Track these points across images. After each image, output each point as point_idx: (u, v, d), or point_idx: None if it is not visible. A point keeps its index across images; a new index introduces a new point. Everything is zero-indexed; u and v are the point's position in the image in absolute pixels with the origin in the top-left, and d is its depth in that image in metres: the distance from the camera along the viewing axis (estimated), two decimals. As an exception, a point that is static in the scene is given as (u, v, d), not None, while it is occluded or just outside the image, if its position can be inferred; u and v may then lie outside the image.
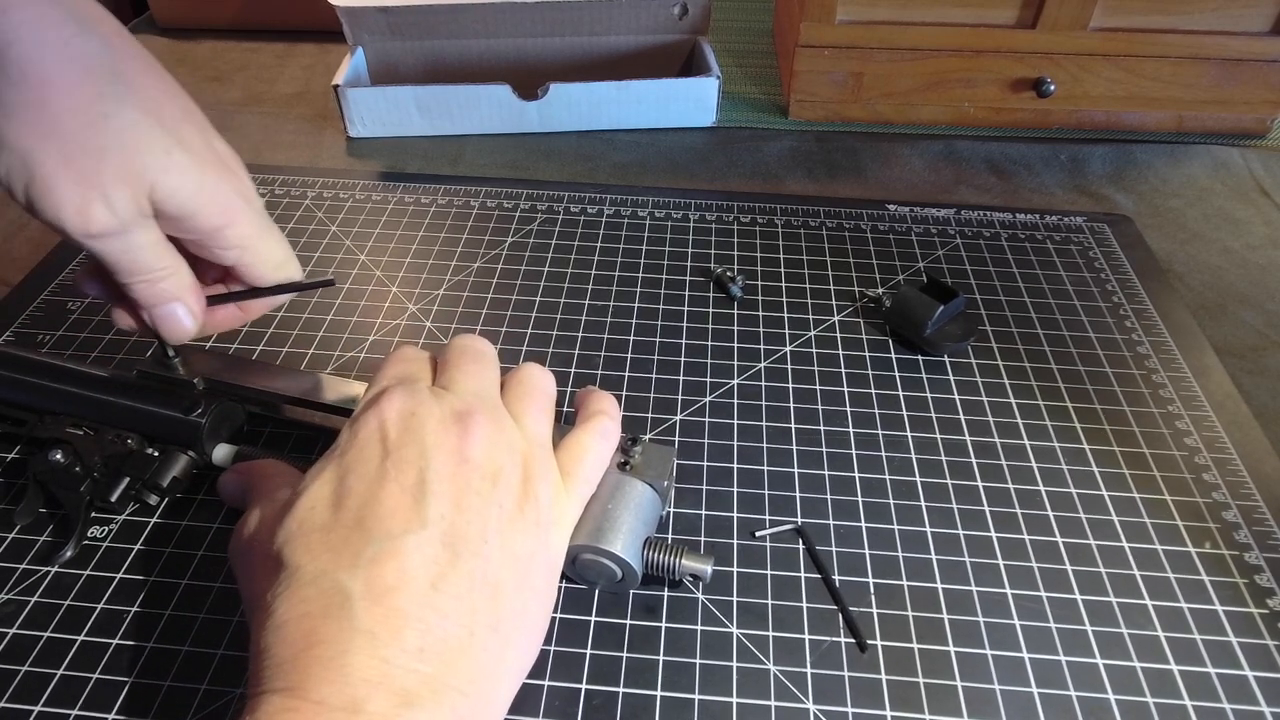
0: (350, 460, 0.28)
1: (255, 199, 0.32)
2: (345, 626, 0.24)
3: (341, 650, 0.23)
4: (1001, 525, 0.37)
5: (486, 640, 0.26)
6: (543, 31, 0.67)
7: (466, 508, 0.27)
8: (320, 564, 0.25)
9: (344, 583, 0.25)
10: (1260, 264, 0.54)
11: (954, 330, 0.46)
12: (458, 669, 0.25)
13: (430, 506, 0.27)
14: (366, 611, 0.24)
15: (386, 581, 0.25)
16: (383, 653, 0.24)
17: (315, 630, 0.24)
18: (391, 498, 0.27)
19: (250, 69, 0.77)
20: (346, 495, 0.27)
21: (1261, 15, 0.61)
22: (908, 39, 0.63)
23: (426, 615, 0.25)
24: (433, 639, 0.25)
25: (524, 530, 0.29)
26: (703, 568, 0.32)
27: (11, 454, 0.40)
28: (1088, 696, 0.31)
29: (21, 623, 0.33)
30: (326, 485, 0.28)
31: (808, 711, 0.31)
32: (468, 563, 0.26)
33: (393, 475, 0.27)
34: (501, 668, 0.27)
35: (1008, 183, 0.62)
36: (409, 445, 0.28)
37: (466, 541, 0.27)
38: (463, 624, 0.25)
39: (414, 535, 0.26)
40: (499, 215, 0.56)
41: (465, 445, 0.29)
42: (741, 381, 0.44)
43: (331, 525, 0.26)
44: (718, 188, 0.61)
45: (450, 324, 0.48)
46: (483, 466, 0.28)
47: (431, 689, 0.24)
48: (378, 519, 0.26)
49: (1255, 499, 0.39)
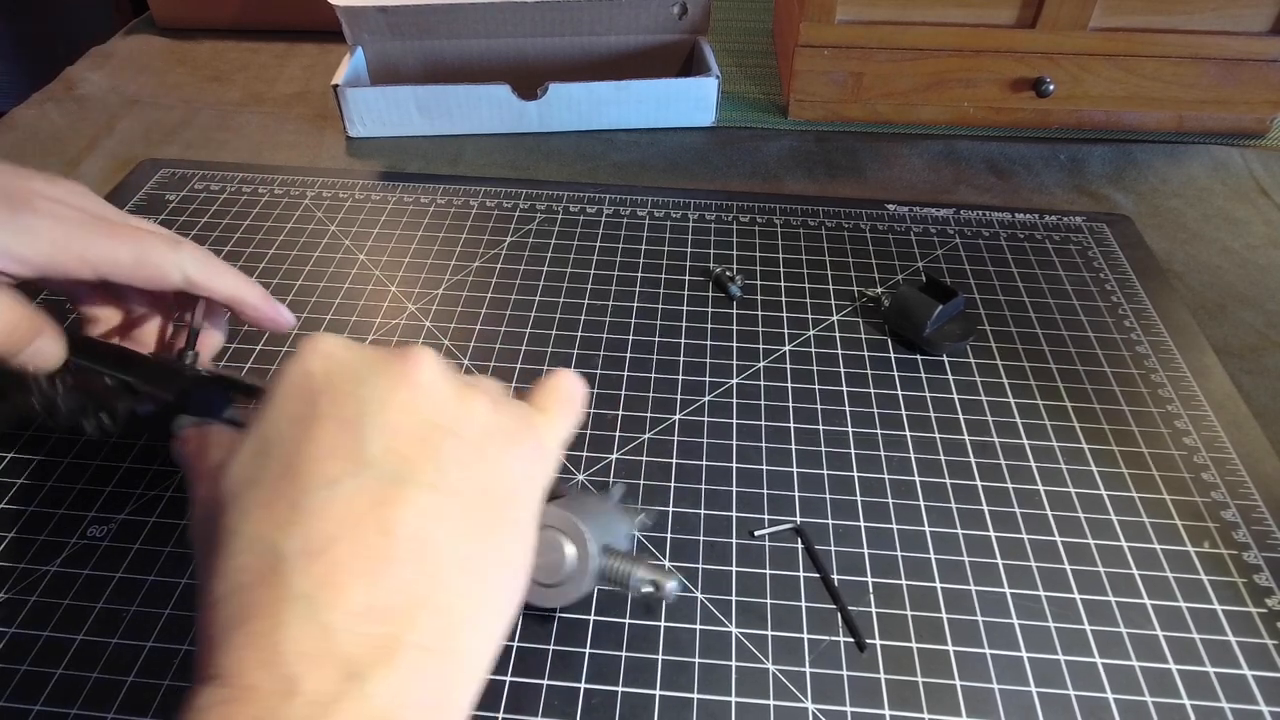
0: (277, 408, 0.25)
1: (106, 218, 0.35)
2: (279, 594, 0.21)
3: (275, 623, 0.21)
4: (1000, 524, 0.37)
5: (453, 583, 0.23)
6: (543, 31, 0.67)
7: (415, 437, 0.24)
8: (254, 526, 0.23)
9: (278, 543, 0.22)
10: (1260, 264, 0.54)
11: (953, 330, 0.46)
12: (418, 622, 0.22)
13: (370, 441, 0.23)
14: (303, 573, 0.21)
15: (326, 534, 0.22)
16: (322, 618, 0.21)
17: (249, 603, 0.21)
18: (327, 438, 0.23)
19: (250, 69, 0.77)
20: (276, 445, 0.24)
21: (1261, 15, 0.61)
22: (908, 39, 0.63)
23: (375, 567, 0.22)
24: (384, 592, 0.22)
25: (492, 461, 0.25)
26: (663, 581, 0.29)
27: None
28: (1087, 696, 0.31)
29: (21, 622, 0.33)
30: (254, 440, 0.25)
31: (806, 711, 0.31)
32: (422, 498, 0.23)
33: (327, 412, 0.24)
34: (477, 612, 0.23)
35: (1007, 183, 0.62)
36: (344, 380, 0.25)
37: (418, 476, 0.23)
38: (421, 569, 0.22)
39: (353, 478, 0.23)
40: (498, 215, 0.56)
41: (409, 370, 0.25)
42: (740, 381, 0.44)
43: (262, 480, 0.23)
44: (717, 188, 0.61)
45: (449, 324, 0.48)
46: (431, 391, 0.25)
47: (384, 651, 0.21)
48: (312, 465, 0.23)
49: (1254, 499, 0.39)
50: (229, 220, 0.55)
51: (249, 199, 0.57)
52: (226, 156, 0.63)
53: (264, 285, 0.50)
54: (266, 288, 0.49)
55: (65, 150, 0.64)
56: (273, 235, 0.54)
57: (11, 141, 0.65)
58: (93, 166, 0.62)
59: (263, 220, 0.55)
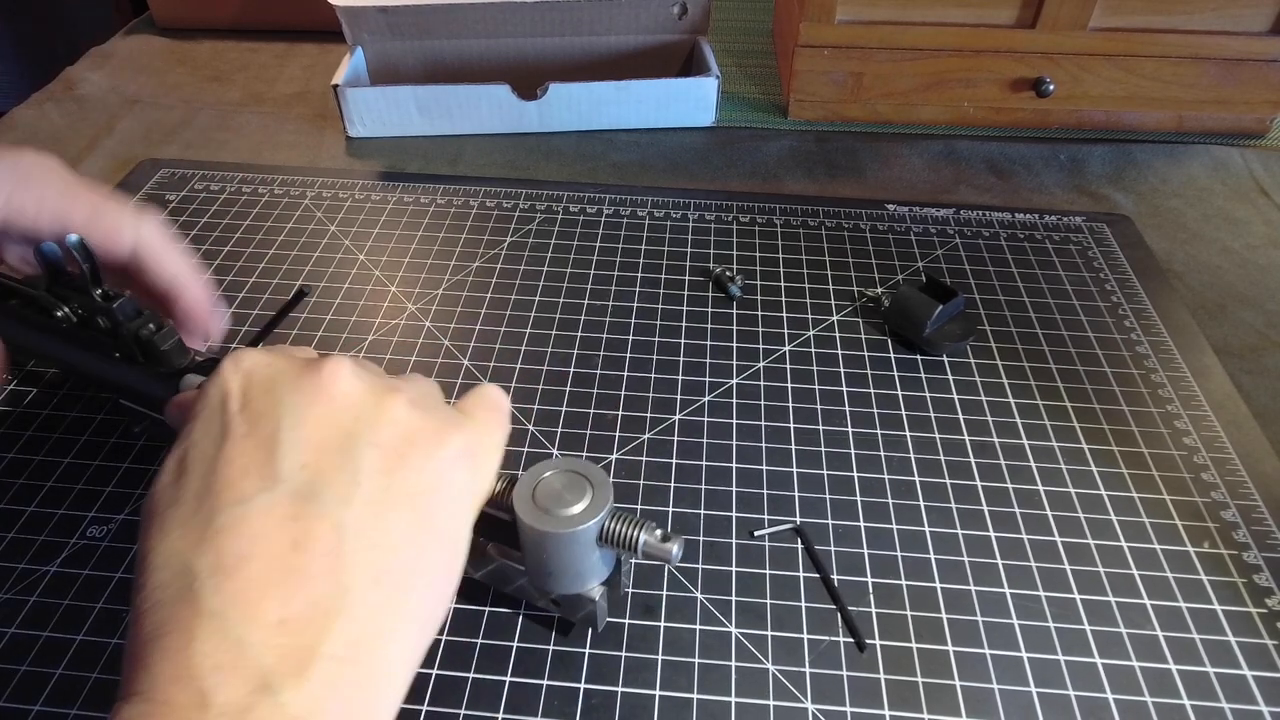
0: (197, 426, 0.25)
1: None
2: (192, 610, 0.21)
3: (188, 639, 0.21)
4: (1000, 525, 0.37)
5: (368, 595, 0.23)
6: (543, 31, 0.67)
7: (330, 449, 0.24)
8: (170, 544, 0.23)
9: (190, 562, 0.22)
10: (1260, 264, 0.54)
11: (953, 330, 0.46)
12: (332, 633, 0.22)
13: (284, 459, 0.24)
14: (215, 590, 0.22)
15: (238, 552, 0.22)
16: (235, 633, 0.21)
17: (164, 620, 0.22)
18: (241, 457, 0.24)
19: (250, 69, 0.77)
20: (192, 464, 0.24)
21: (1261, 15, 0.61)
22: (907, 39, 0.63)
23: (288, 581, 0.22)
24: (297, 606, 0.22)
25: (414, 463, 0.25)
26: (670, 545, 0.29)
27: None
28: (1086, 696, 0.31)
29: (20, 622, 0.33)
30: (174, 459, 0.25)
31: (806, 711, 0.31)
32: (335, 513, 0.23)
33: (242, 431, 0.24)
34: (393, 623, 0.24)
35: (1007, 183, 0.62)
36: (259, 396, 0.25)
37: (332, 488, 0.24)
38: (335, 582, 0.23)
39: (266, 494, 0.23)
40: (498, 215, 0.56)
41: (327, 382, 0.25)
42: (740, 381, 0.44)
43: (179, 499, 0.24)
44: (717, 188, 0.61)
45: (449, 323, 0.48)
46: (349, 402, 0.25)
47: (297, 663, 0.21)
48: (225, 484, 0.23)
49: (1254, 499, 0.39)
50: (229, 220, 0.55)
51: (249, 199, 0.57)
52: (226, 156, 0.63)
53: (264, 285, 0.50)
54: (266, 287, 0.50)
55: (65, 150, 0.64)
56: (273, 235, 0.54)
57: (11, 141, 0.65)
58: (93, 166, 0.62)
59: (263, 220, 0.55)
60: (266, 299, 0.49)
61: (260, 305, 0.49)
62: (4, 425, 0.41)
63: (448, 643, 0.33)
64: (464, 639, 0.33)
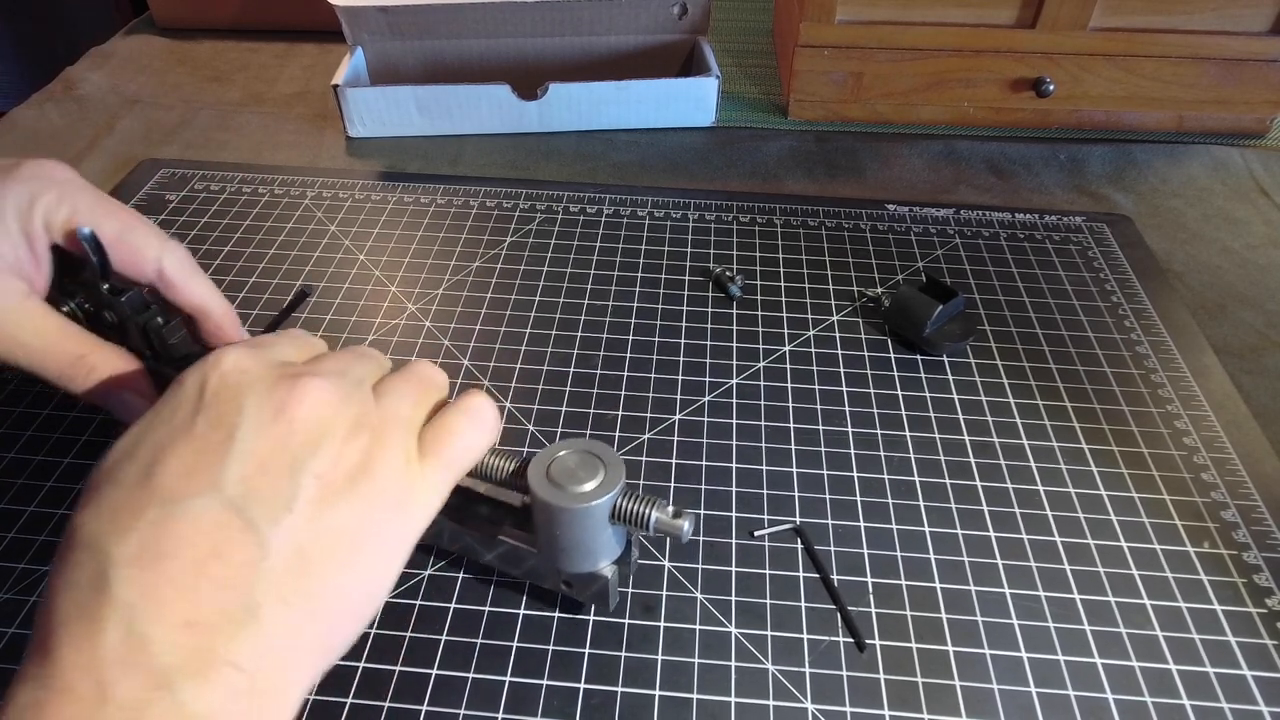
0: (161, 413, 0.26)
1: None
2: (104, 599, 0.22)
3: (95, 628, 0.21)
4: (1000, 525, 0.37)
5: (277, 613, 0.23)
6: (543, 31, 0.67)
7: (273, 471, 0.24)
8: (99, 526, 0.23)
9: (111, 548, 0.22)
10: (1260, 264, 0.54)
11: (953, 330, 0.46)
12: (235, 643, 0.22)
13: (229, 468, 0.24)
14: (130, 582, 0.22)
15: (160, 548, 0.23)
16: (141, 628, 0.22)
17: (74, 603, 0.22)
18: (190, 456, 0.24)
19: (250, 69, 0.77)
20: (142, 450, 0.25)
21: (1261, 15, 0.61)
22: (907, 39, 0.63)
23: (200, 585, 0.22)
24: (205, 611, 0.22)
25: (349, 504, 0.25)
26: (677, 523, 0.29)
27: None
28: (1086, 696, 0.31)
29: (21, 622, 0.33)
30: (130, 439, 0.25)
31: (806, 711, 0.31)
32: (260, 531, 0.24)
33: (199, 431, 0.25)
34: (294, 644, 0.24)
35: (1007, 183, 0.62)
36: (226, 401, 0.25)
37: (263, 508, 0.24)
38: (247, 595, 0.23)
39: (201, 499, 0.23)
40: (498, 215, 0.56)
41: (291, 403, 0.25)
42: (740, 381, 0.44)
43: (120, 482, 0.24)
44: (717, 188, 0.61)
45: (449, 323, 0.48)
46: (307, 429, 0.25)
47: (198, 665, 0.22)
48: (168, 479, 0.24)
49: (1254, 499, 0.39)
50: (229, 220, 0.55)
51: (249, 199, 0.57)
52: (226, 156, 0.63)
53: (264, 285, 0.50)
54: (266, 288, 0.50)
55: (65, 151, 0.64)
56: (273, 235, 0.54)
57: (11, 142, 0.65)
58: (93, 166, 0.62)
59: (263, 220, 0.55)
60: (266, 299, 0.49)
61: (260, 305, 0.49)
62: (4, 425, 0.41)
63: (447, 642, 0.33)
64: (463, 639, 0.33)
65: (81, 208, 0.35)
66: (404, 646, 0.33)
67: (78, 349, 0.35)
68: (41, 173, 0.36)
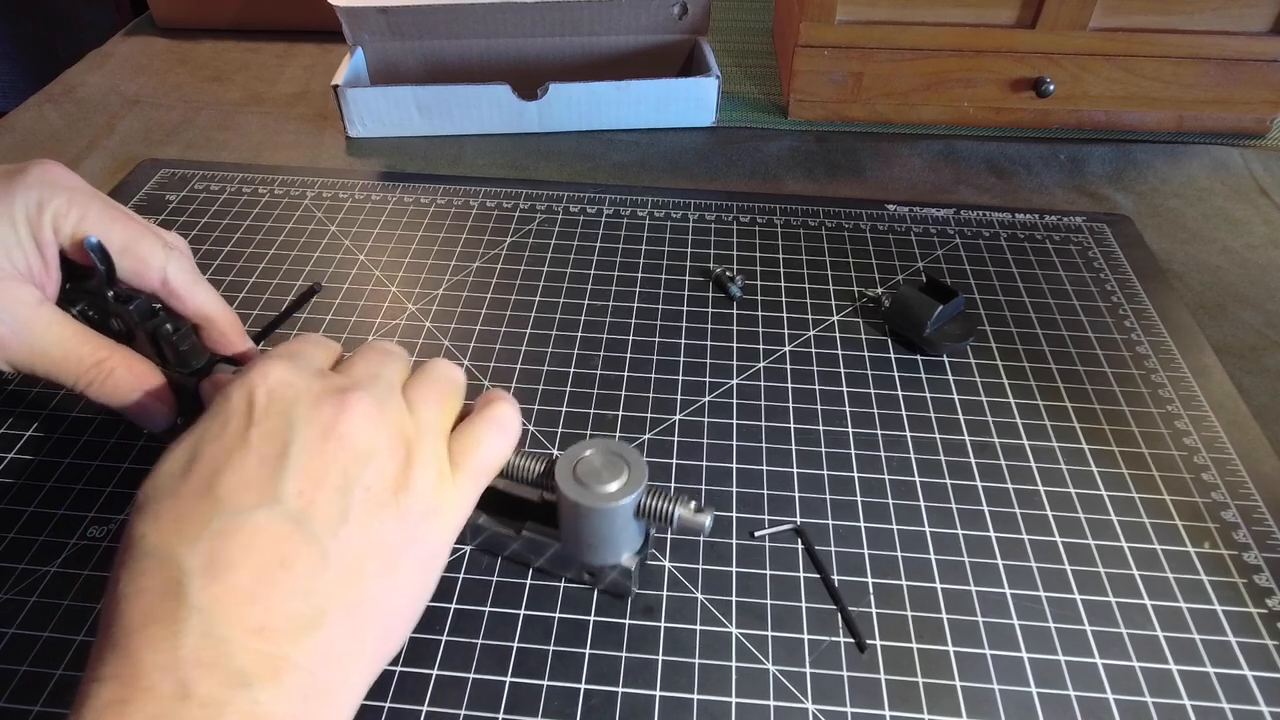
0: (212, 426, 0.27)
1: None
2: (180, 604, 0.23)
3: (174, 630, 0.22)
4: (1000, 525, 0.37)
5: (340, 621, 0.25)
6: (543, 31, 0.67)
7: (328, 485, 0.26)
8: (163, 535, 0.24)
9: (182, 557, 0.24)
10: (1260, 264, 0.54)
11: (953, 330, 0.46)
12: (305, 648, 0.24)
13: (287, 481, 0.25)
14: (203, 589, 0.23)
15: (229, 557, 0.24)
16: (218, 631, 0.23)
17: (150, 608, 0.23)
18: (248, 469, 0.25)
19: (250, 69, 0.77)
20: (200, 463, 0.26)
21: (1261, 15, 0.61)
22: (908, 39, 0.63)
23: (270, 593, 0.24)
24: (276, 617, 0.24)
25: (395, 516, 0.27)
26: (703, 519, 0.31)
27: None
28: (1087, 696, 0.31)
29: (21, 622, 0.33)
30: (183, 451, 0.26)
31: (807, 711, 0.31)
32: (322, 542, 0.25)
33: (254, 445, 0.26)
34: (356, 651, 0.26)
35: (1007, 183, 0.62)
36: (277, 415, 0.27)
37: (323, 521, 0.25)
38: (313, 603, 0.24)
39: (264, 510, 0.25)
40: (498, 215, 0.56)
41: (339, 421, 0.27)
42: (740, 381, 0.44)
43: (180, 493, 0.25)
44: (717, 188, 0.61)
45: (450, 324, 0.48)
46: (355, 445, 0.27)
47: (272, 668, 0.23)
48: (229, 490, 0.25)
49: (1254, 499, 0.39)
50: (229, 220, 0.55)
51: (249, 199, 0.57)
52: (226, 156, 0.63)
53: (264, 285, 0.50)
54: (267, 288, 0.50)
55: (65, 151, 0.64)
56: (273, 235, 0.54)
57: (10, 143, 0.65)
58: (93, 167, 0.62)
59: (263, 220, 0.55)
60: (267, 299, 0.49)
61: (260, 305, 0.49)
62: (4, 425, 0.41)
63: (448, 643, 0.33)
64: (464, 639, 0.33)
65: (91, 215, 0.35)
66: (404, 647, 0.33)
67: (96, 353, 0.35)
68: (48, 177, 0.36)
